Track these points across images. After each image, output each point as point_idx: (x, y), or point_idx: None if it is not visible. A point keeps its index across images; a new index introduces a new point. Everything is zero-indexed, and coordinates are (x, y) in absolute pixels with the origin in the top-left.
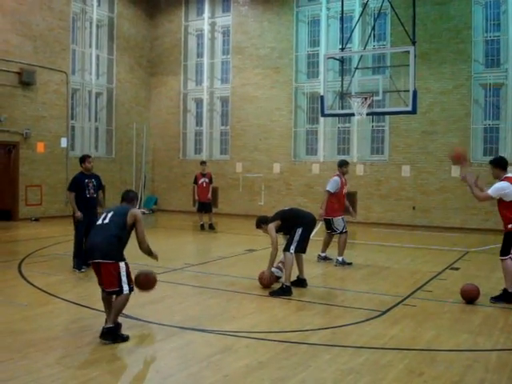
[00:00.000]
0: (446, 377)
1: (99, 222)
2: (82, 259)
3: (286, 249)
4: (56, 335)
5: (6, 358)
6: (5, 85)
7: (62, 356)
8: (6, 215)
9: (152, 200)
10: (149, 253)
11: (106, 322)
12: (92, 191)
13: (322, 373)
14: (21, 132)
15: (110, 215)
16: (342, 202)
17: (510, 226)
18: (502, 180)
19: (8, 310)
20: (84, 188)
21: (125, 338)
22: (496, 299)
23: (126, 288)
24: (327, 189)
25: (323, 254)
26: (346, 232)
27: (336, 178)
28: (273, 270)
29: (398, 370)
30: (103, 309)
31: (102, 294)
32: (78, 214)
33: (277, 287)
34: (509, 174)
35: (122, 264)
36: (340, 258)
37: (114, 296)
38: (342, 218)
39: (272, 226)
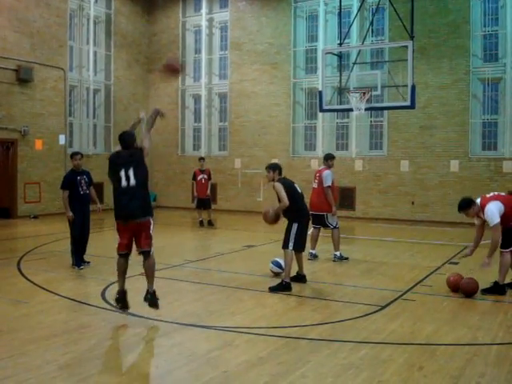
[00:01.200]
0: (446, 371)
1: (124, 183)
2: (80, 256)
3: (285, 246)
4: (55, 332)
5: (5, 356)
6: (2, 82)
7: (61, 353)
8: (5, 213)
9: (151, 196)
10: (152, 122)
11: (121, 289)
12: (85, 188)
13: (321, 368)
14: (19, 129)
15: (131, 173)
16: (335, 196)
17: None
18: (486, 204)
19: (7, 307)
20: (77, 185)
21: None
22: (486, 291)
23: (152, 248)
24: (328, 184)
25: (314, 252)
26: (338, 227)
27: (328, 171)
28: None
29: (397, 365)
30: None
31: (120, 261)
32: (70, 214)
33: (276, 283)
34: (478, 200)
35: (152, 221)
36: (338, 254)
37: (143, 258)
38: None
39: (282, 188)
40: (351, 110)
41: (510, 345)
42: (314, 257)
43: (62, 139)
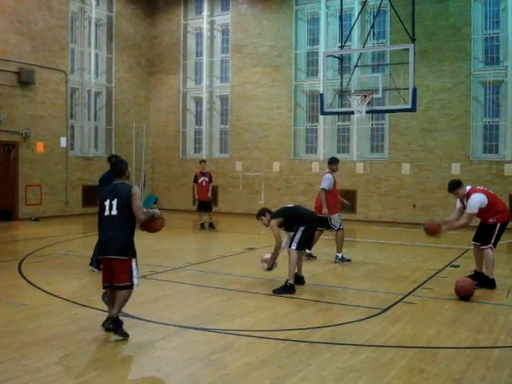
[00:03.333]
0: (447, 374)
1: (107, 212)
2: None
3: (289, 245)
4: (56, 335)
5: (6, 358)
6: (4, 84)
7: (62, 356)
8: (6, 215)
9: (152, 199)
10: (149, 218)
11: (108, 317)
12: None
13: (322, 371)
14: (20, 132)
15: (115, 203)
16: (336, 198)
17: (490, 220)
18: (473, 193)
19: (8, 309)
20: None
21: (124, 334)
22: (479, 285)
23: (135, 282)
24: (323, 187)
25: (308, 251)
26: (342, 228)
27: (328, 175)
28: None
29: (398, 368)
30: (103, 308)
31: (107, 290)
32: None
33: (280, 285)
34: (468, 187)
35: (134, 261)
36: (339, 255)
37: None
38: (339, 215)
39: (274, 223)
40: (352, 112)
41: (511, 348)
42: (309, 256)
43: (63, 142)
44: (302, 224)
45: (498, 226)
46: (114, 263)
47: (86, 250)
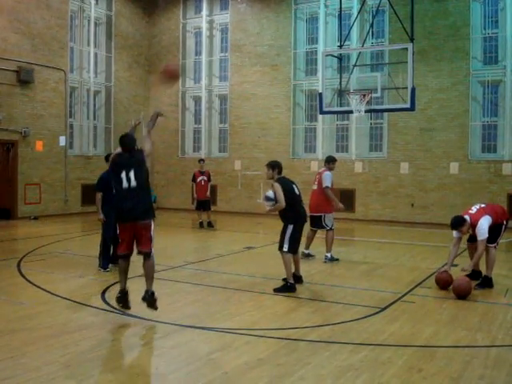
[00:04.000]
0: (445, 373)
1: (125, 185)
2: (108, 259)
3: (280, 248)
4: (55, 333)
5: (5, 357)
6: (3, 83)
7: (61, 354)
8: (5, 214)
9: (154, 197)
10: (153, 124)
11: (124, 289)
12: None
13: (321, 370)
14: (19, 130)
15: (132, 174)
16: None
17: (499, 220)
18: (478, 220)
19: (7, 308)
20: (111, 187)
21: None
22: (478, 285)
23: (153, 250)
24: (327, 185)
25: (307, 251)
26: (333, 229)
27: (329, 172)
28: (263, 201)
29: (397, 367)
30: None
31: (121, 262)
32: (101, 217)
33: (280, 284)
34: (466, 216)
35: (152, 223)
36: (329, 255)
37: (143, 259)
38: (332, 215)
39: (280, 187)
40: (351, 112)
41: (509, 347)
42: (307, 256)
43: (62, 140)
44: (292, 221)
45: (503, 226)
46: (139, 228)
47: (85, 249)
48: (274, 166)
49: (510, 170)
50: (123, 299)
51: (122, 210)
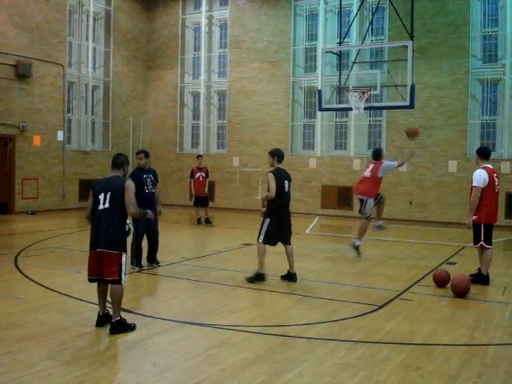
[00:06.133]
0: (443, 371)
1: (100, 206)
2: (141, 256)
3: (257, 239)
4: (52, 329)
5: (2, 352)
6: (1, 77)
7: (58, 350)
8: (3, 208)
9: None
10: (138, 215)
11: (101, 313)
12: (150, 187)
13: (319, 367)
14: (17, 125)
15: (108, 196)
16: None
17: (474, 217)
18: (480, 169)
19: (4, 303)
20: (142, 184)
21: (133, 327)
22: (473, 281)
23: (123, 278)
24: (382, 172)
25: (358, 243)
26: (369, 219)
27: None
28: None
29: (394, 365)
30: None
31: (98, 286)
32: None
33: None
34: (488, 165)
35: (124, 255)
36: (357, 242)
37: (109, 285)
38: (373, 203)
39: (273, 178)
40: (350, 109)
41: (506, 345)
42: (356, 248)
43: (60, 135)
44: (270, 215)
45: (482, 226)
46: (105, 257)
47: (83, 244)
48: (274, 153)
49: (508, 168)
50: (99, 324)
51: (93, 233)
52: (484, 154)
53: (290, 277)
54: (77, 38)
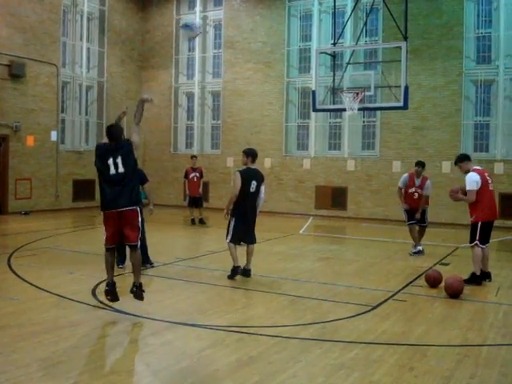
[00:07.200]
0: (437, 372)
1: (112, 171)
2: (147, 254)
3: (225, 237)
4: (45, 329)
5: None
6: None
7: (51, 351)
8: None
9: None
10: (140, 113)
11: (110, 281)
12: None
13: (312, 367)
14: (10, 125)
15: (120, 161)
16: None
17: (471, 218)
18: (471, 171)
19: None
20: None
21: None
22: (466, 281)
23: (138, 242)
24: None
25: (419, 248)
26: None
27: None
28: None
29: (388, 365)
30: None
31: (107, 254)
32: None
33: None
34: (476, 166)
35: (139, 212)
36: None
37: (129, 250)
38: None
39: (238, 177)
40: (344, 109)
41: (500, 346)
42: (418, 253)
43: (53, 135)
44: (234, 215)
45: (479, 225)
46: (126, 216)
47: (76, 245)
48: (248, 153)
49: (501, 169)
50: (111, 291)
51: (107, 196)
52: (466, 157)
53: (244, 272)
54: (71, 38)
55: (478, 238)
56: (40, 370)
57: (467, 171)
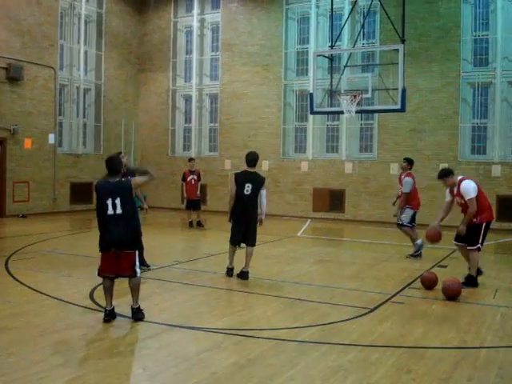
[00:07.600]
0: (434, 374)
1: (110, 211)
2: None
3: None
4: (43, 332)
5: None
6: None
7: (49, 353)
8: None
9: (138, 202)
10: (149, 177)
11: (109, 308)
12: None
13: (310, 370)
14: (8, 128)
15: (118, 202)
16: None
17: (474, 219)
18: (463, 181)
19: None
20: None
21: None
22: (464, 284)
23: (138, 272)
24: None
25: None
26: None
27: (408, 178)
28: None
29: (386, 368)
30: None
31: (106, 282)
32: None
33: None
34: (459, 176)
35: (137, 252)
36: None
37: (128, 279)
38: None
39: (233, 179)
40: (342, 112)
41: (498, 348)
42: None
43: (51, 138)
44: (232, 218)
45: (483, 226)
46: (122, 256)
47: (74, 248)
48: (246, 157)
49: (499, 171)
50: (108, 321)
51: (105, 238)
52: (450, 171)
53: (241, 274)
54: (68, 41)
55: (480, 240)
56: (38, 372)
57: (453, 184)
